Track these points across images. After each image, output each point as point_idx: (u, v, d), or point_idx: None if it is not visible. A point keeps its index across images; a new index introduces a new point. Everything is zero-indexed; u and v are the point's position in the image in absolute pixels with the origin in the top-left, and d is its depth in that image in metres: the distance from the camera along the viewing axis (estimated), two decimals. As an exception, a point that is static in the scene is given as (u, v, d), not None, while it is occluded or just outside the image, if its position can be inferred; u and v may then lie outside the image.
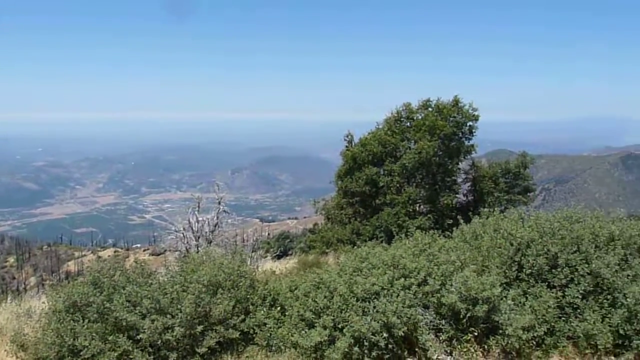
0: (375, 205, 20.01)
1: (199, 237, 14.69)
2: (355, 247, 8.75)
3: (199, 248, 13.78)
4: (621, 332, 6.71)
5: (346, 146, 21.57)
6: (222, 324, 6.49)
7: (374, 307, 6.18)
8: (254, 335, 6.55)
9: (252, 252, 15.86)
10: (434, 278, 6.57)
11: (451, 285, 6.50)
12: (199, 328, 6.33)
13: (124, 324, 6.30)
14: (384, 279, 6.43)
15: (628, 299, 6.67)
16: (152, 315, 6.31)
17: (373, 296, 6.34)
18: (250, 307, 6.84)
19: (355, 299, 6.33)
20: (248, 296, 6.92)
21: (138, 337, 6.23)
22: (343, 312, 6.22)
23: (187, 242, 14.56)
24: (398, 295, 6.26)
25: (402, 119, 20.79)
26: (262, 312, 6.66)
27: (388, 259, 6.99)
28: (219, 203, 15.37)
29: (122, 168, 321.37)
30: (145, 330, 6.15)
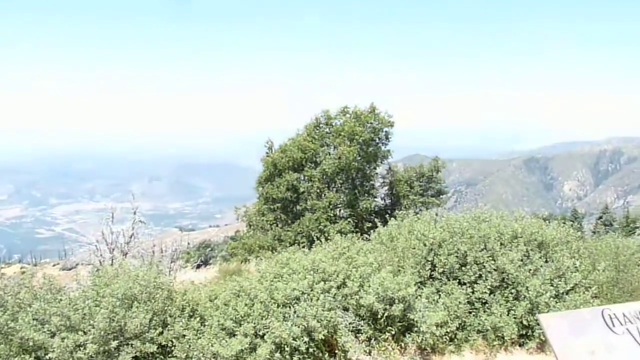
0: (296, 210, 20.17)
1: (113, 249, 14.08)
2: (277, 253, 8.78)
3: (114, 261, 13.20)
4: (525, 322, 7.22)
5: (266, 152, 21.60)
6: (138, 338, 6.27)
7: (295, 312, 6.24)
8: (173, 347, 6.38)
9: (171, 262, 15.43)
10: (353, 280, 6.73)
11: (369, 286, 6.69)
12: (114, 343, 6.07)
13: (31, 343, 5.91)
14: (304, 283, 6.50)
15: (530, 292, 7.19)
16: (62, 332, 5.97)
17: (294, 301, 6.39)
18: (168, 319, 6.66)
19: (276, 305, 6.35)
20: (165, 308, 6.73)
21: (46, 357, 5.87)
22: (264, 318, 6.22)
23: (101, 255, 13.91)
24: (318, 299, 6.36)
25: (321, 125, 21.15)
26: (181, 323, 6.50)
27: (308, 263, 7.08)
28: (135, 213, 14.83)
29: (28, 178, 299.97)
30: (55, 349, 5.80)
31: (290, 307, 6.34)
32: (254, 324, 6.20)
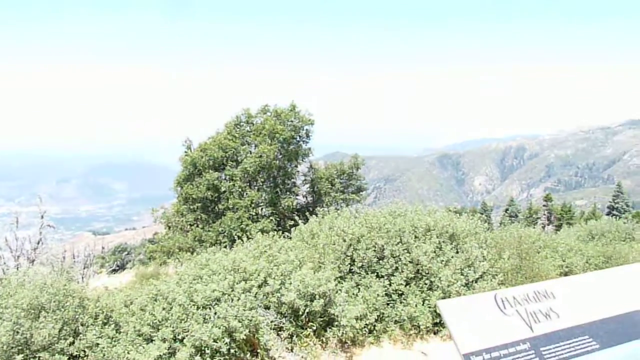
0: (217, 210, 19.86)
1: (18, 257, 13.17)
2: (197, 254, 8.60)
3: (19, 269, 12.34)
4: (438, 311, 7.57)
5: (185, 151, 21.07)
6: (46, 350, 5.91)
7: (215, 314, 6.15)
8: (85, 357, 6.09)
9: (84, 268, 14.69)
10: (274, 278, 6.74)
11: (290, 283, 6.73)
12: (19, 357, 5.68)
13: None
14: (224, 284, 6.43)
15: (442, 282, 7.55)
16: (-42, 349, 5.52)
17: (214, 302, 6.30)
18: (80, 327, 6.33)
19: (195, 307, 6.22)
20: (77, 316, 6.39)
21: (-62, 378, 5.42)
22: (183, 322, 6.08)
23: (4, 263, 12.97)
24: (239, 299, 6.30)
25: (241, 124, 20.97)
26: (94, 331, 6.21)
27: (228, 263, 7.01)
28: (42, 217, 13.94)
29: None
30: (-51, 368, 5.37)
31: (210, 308, 6.24)
32: (173, 328, 6.05)
